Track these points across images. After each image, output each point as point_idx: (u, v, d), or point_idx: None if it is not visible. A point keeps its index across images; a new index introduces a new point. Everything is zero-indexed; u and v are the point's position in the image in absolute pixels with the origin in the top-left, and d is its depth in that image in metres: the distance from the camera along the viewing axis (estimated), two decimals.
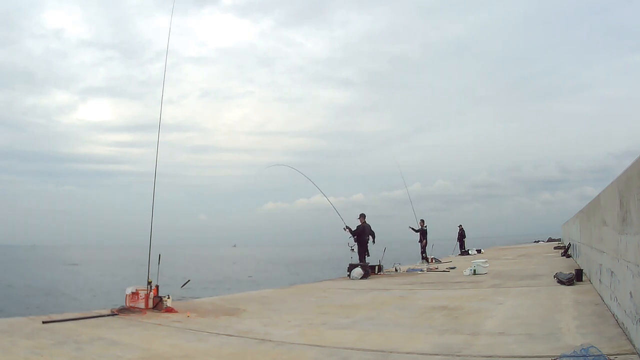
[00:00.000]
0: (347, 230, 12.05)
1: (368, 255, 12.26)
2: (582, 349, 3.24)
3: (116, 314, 5.94)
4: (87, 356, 3.86)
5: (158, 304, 6.22)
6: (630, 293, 3.52)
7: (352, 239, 12.09)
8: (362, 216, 12.42)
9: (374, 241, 12.39)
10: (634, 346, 3.40)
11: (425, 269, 12.80)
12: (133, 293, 6.39)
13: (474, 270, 10.56)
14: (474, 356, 3.60)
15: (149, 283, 6.35)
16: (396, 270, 12.76)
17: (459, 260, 16.43)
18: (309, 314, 6.08)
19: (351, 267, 11.32)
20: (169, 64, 7.17)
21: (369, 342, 4.23)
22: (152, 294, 6.29)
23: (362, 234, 12.13)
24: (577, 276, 7.75)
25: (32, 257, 65.59)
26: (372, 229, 12.43)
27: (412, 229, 17.07)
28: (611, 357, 3.13)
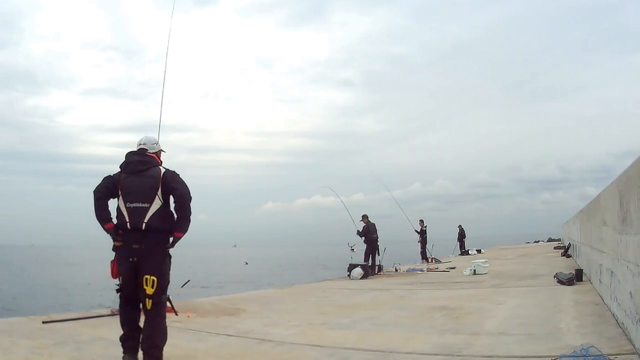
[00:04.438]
0: (358, 234, 12.20)
1: (378, 255, 12.32)
2: (582, 349, 3.23)
3: (116, 314, 5.91)
4: (87, 356, 3.86)
5: None
6: (630, 293, 3.52)
7: (361, 239, 12.18)
8: (365, 217, 12.53)
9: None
10: (634, 346, 3.40)
11: (425, 269, 12.79)
12: None
13: (474, 270, 10.55)
14: (474, 356, 3.60)
15: None
16: (396, 270, 12.76)
17: (459, 260, 16.41)
18: (309, 314, 6.07)
19: (351, 267, 11.31)
20: (168, 64, 7.13)
21: (369, 342, 4.23)
22: None
23: (368, 233, 12.18)
24: (577, 276, 7.75)
25: (31, 257, 65.55)
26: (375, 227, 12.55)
27: (417, 231, 17.06)
28: (611, 357, 3.13)
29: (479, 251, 21.93)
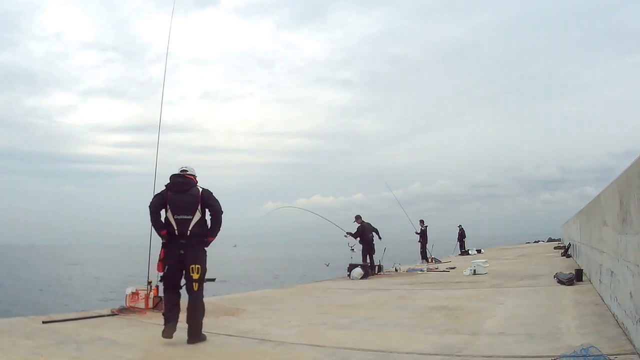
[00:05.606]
0: (349, 235, 12.10)
1: (374, 253, 12.28)
2: (582, 349, 3.23)
3: (116, 314, 5.93)
4: (87, 356, 3.86)
5: (158, 304, 6.20)
6: (630, 293, 3.52)
7: (356, 240, 12.13)
8: (358, 217, 12.46)
9: (379, 237, 12.49)
10: (634, 346, 3.40)
11: (425, 269, 12.79)
12: (133, 293, 6.38)
13: (474, 270, 10.55)
14: (474, 356, 3.60)
15: (149, 283, 6.34)
16: (396, 270, 12.75)
17: (459, 260, 16.42)
18: (309, 314, 6.07)
19: (351, 267, 11.31)
20: (169, 65, 7.15)
21: (369, 342, 4.22)
22: (152, 294, 6.27)
23: (364, 234, 12.15)
24: (577, 276, 7.75)
25: (31, 257, 65.53)
26: (374, 226, 12.50)
27: (417, 232, 17.06)
28: (611, 357, 3.13)
29: (479, 251, 21.94)
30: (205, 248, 4.55)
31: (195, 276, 4.37)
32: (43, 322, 5.20)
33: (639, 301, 3.24)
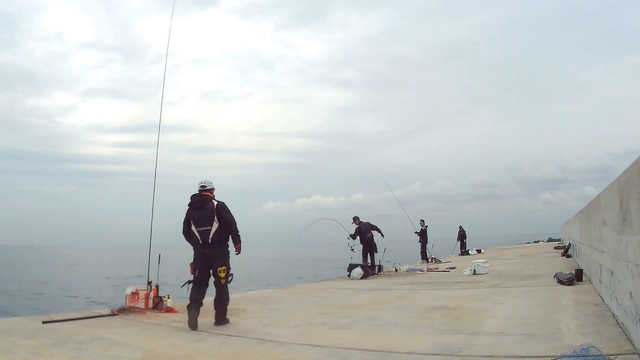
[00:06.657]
0: (351, 237, 12.16)
1: (376, 252, 12.29)
2: (582, 349, 3.23)
3: (116, 314, 5.94)
4: (87, 356, 3.86)
5: (158, 304, 6.22)
6: (630, 293, 3.52)
7: (356, 240, 12.16)
8: (356, 219, 12.46)
9: (382, 234, 12.50)
10: (634, 346, 3.40)
11: (425, 269, 12.79)
12: (133, 293, 6.39)
13: (474, 270, 10.55)
14: (474, 356, 3.60)
15: (149, 283, 6.35)
16: (396, 270, 12.75)
17: (459, 260, 16.41)
18: (309, 314, 6.07)
19: (351, 267, 11.31)
20: (169, 65, 7.16)
21: (369, 342, 4.23)
22: (152, 294, 6.29)
23: (362, 234, 12.16)
24: (577, 276, 7.75)
25: (30, 257, 65.51)
26: (373, 224, 12.52)
27: (417, 232, 17.05)
28: (611, 357, 3.13)
29: (479, 251, 21.94)
30: (236, 253, 5.46)
31: (222, 274, 5.36)
32: (43, 322, 5.21)
33: (639, 301, 3.24)
